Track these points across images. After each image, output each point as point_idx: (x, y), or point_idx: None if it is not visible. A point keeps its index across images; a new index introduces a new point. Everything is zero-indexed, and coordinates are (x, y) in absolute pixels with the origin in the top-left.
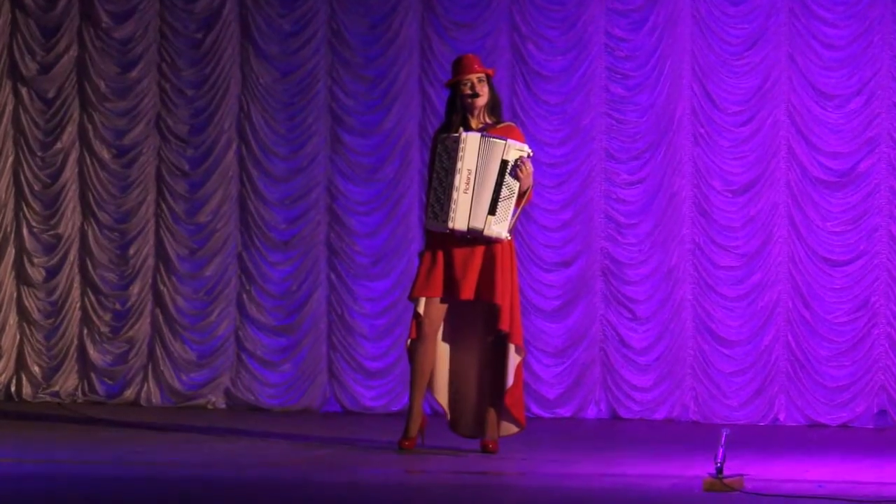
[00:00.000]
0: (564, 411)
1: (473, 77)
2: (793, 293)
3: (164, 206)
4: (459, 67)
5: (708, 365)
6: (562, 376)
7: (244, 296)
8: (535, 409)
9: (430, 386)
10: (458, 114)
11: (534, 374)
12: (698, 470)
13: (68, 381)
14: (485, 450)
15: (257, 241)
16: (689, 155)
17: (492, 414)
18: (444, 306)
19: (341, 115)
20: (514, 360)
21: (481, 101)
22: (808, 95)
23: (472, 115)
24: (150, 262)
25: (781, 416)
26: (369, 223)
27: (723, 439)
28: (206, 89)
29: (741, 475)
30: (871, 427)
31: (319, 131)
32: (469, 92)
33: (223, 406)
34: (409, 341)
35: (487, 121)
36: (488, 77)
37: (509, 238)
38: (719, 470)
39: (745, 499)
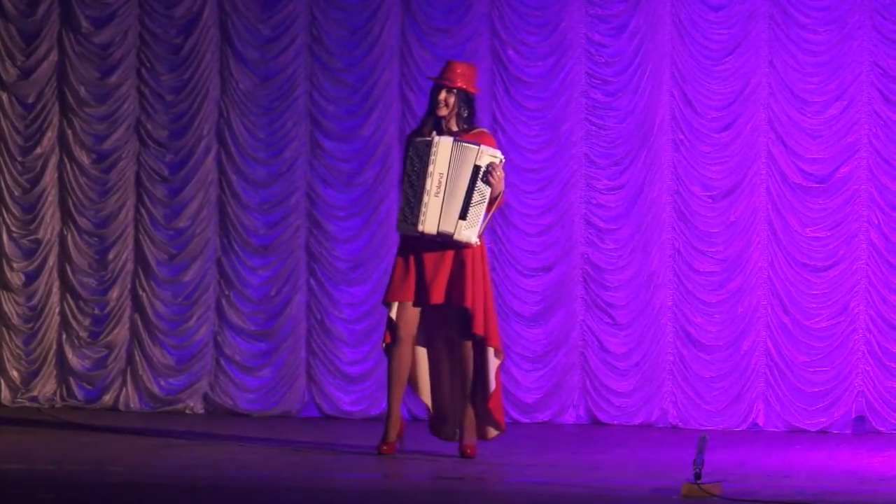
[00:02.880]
0: (543, 416)
1: (444, 85)
2: (772, 299)
3: (143, 211)
4: (439, 71)
5: (687, 370)
6: (541, 381)
7: (223, 301)
8: (514, 414)
9: (414, 386)
10: (432, 117)
11: (513, 378)
12: (677, 475)
13: (47, 386)
14: (463, 454)
15: (236, 246)
16: (669, 160)
17: (470, 418)
18: (418, 310)
19: (321, 120)
20: (493, 363)
21: (443, 111)
22: (788, 101)
23: (443, 121)
24: (130, 267)
25: (760, 422)
26: (349, 228)
27: (702, 444)
28: (185, 94)
29: (720, 480)
30: (849, 432)
31: (299, 136)
32: (438, 97)
33: (202, 411)
34: (384, 344)
35: (459, 127)
36: (461, 93)
37: (479, 243)
38: (698, 475)
39: None
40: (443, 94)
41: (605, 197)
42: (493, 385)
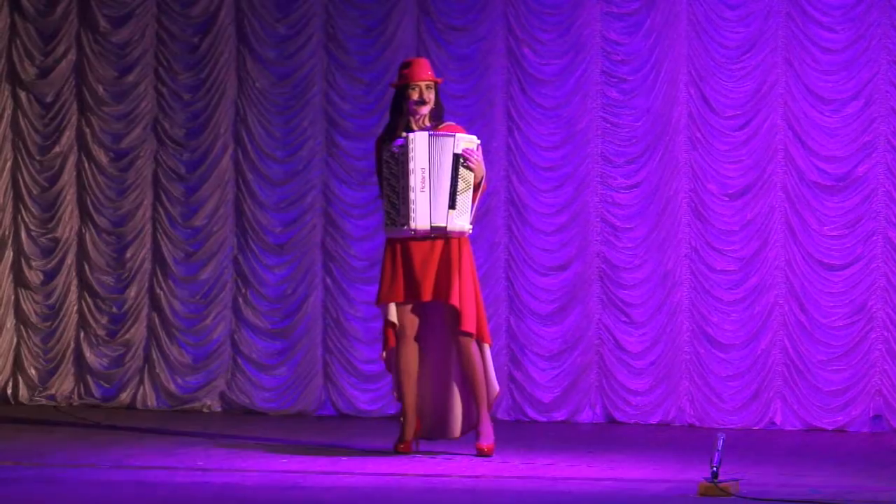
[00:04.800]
0: (559, 415)
1: (422, 84)
2: (789, 297)
3: (160, 209)
4: (409, 72)
5: (704, 369)
6: (557, 380)
7: (240, 299)
8: (531, 413)
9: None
10: (402, 118)
11: (529, 377)
12: (694, 474)
13: (65, 384)
14: (481, 453)
15: (253, 245)
16: (685, 159)
17: (485, 418)
18: (412, 306)
19: (337, 119)
20: (490, 360)
21: (426, 108)
22: (805, 99)
23: (415, 119)
24: (147, 265)
25: (777, 420)
26: (364, 227)
27: (718, 443)
28: (202, 93)
29: (737, 479)
30: (866, 431)
31: (315, 135)
32: (416, 98)
33: (219, 409)
34: (383, 353)
35: (429, 124)
36: (436, 84)
37: (471, 230)
38: (715, 474)
39: (740, 503)
40: (424, 91)
41: (620, 195)
42: (496, 387)
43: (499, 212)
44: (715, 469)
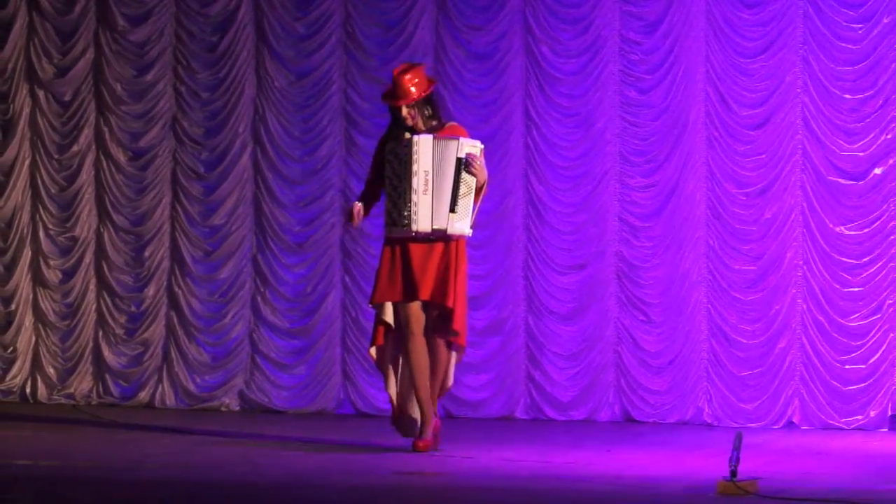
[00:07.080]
0: (578, 414)
1: (402, 109)
2: (807, 296)
3: (179, 208)
4: (388, 89)
5: (722, 368)
6: (575, 379)
7: (258, 298)
8: (549, 412)
9: (385, 378)
10: (402, 128)
11: (547, 376)
12: (712, 473)
13: (83, 383)
14: (415, 448)
15: (272, 244)
16: (703, 158)
17: (428, 413)
18: (419, 303)
19: (355, 118)
20: (454, 360)
21: (409, 124)
22: (823, 98)
23: (414, 127)
24: (165, 264)
25: (796, 420)
26: (383, 226)
27: (737, 442)
28: (221, 92)
29: (755, 478)
30: (885, 430)
31: (334, 134)
32: (398, 115)
33: (237, 408)
34: (372, 350)
35: (429, 126)
36: (419, 100)
37: (471, 234)
38: (733, 473)
39: (759, 502)
40: (404, 112)
41: (638, 194)
42: (451, 381)
43: (517, 211)
44: (734, 468)
